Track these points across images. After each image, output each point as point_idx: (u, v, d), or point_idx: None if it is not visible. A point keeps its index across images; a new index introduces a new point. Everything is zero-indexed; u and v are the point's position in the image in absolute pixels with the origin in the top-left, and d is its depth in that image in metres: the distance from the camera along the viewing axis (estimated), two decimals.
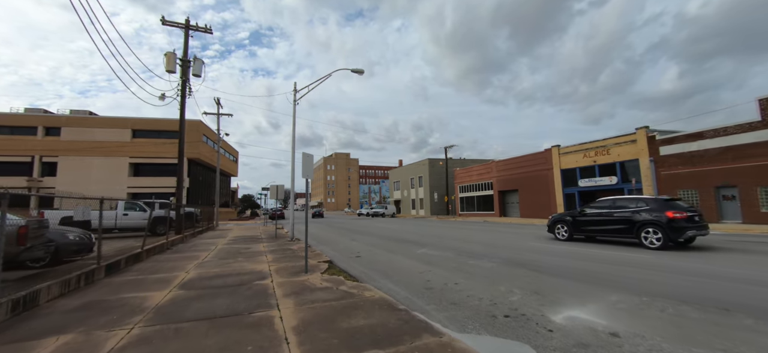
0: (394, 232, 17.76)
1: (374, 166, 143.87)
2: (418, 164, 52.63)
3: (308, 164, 7.23)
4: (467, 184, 41.10)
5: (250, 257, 9.33)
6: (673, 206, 10.14)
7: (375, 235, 16.21)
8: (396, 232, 17.76)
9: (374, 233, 17.06)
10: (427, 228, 20.73)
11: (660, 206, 10.19)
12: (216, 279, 6.57)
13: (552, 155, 29.89)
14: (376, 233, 17.56)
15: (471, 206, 40.33)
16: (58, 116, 34.89)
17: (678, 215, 9.76)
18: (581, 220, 12.19)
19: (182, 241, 13.96)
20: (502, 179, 35.42)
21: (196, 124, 36.76)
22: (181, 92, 15.93)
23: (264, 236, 16.57)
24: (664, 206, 10.15)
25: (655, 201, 10.50)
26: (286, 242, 13.06)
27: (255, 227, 23.88)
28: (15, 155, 32.88)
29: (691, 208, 10.50)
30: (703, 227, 10.07)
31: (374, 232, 18.16)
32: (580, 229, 12.22)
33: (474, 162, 50.53)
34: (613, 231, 11.17)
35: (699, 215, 10.24)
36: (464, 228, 20.54)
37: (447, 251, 10.26)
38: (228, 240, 14.43)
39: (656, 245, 9.72)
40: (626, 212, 10.87)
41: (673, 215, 9.75)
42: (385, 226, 24.02)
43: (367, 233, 17.24)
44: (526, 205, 32.26)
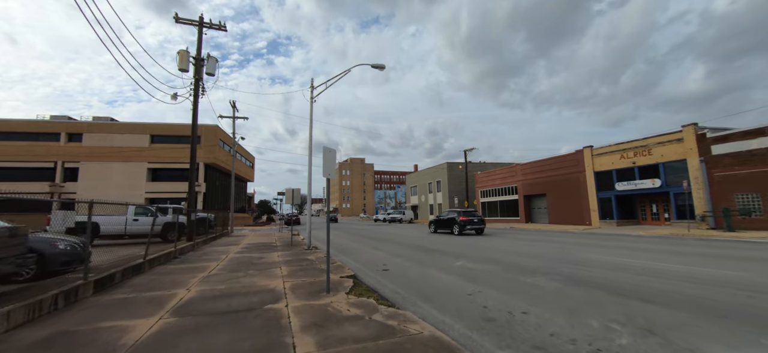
0: (418, 240, 16.34)
1: (389, 171, 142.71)
2: (436, 168, 51.00)
3: (330, 160, 6.00)
4: (489, 188, 39.18)
5: (262, 270, 8.16)
6: (464, 213, 19.72)
7: (398, 243, 14.84)
8: (420, 240, 16.33)
9: (397, 241, 15.69)
10: (455, 237, 19.18)
11: (458, 214, 19.66)
12: (220, 301, 5.38)
13: (584, 156, 27.78)
14: (399, 240, 16.19)
15: (493, 211, 38.35)
16: (80, 122, 35.42)
17: (463, 218, 19.25)
18: (439, 221, 21.64)
19: (193, 249, 13.02)
20: (528, 182, 33.39)
21: (213, 129, 36.58)
22: (193, 90, 15.17)
23: (279, 243, 15.50)
24: (460, 213, 19.65)
25: (455, 211, 20.38)
26: (303, 251, 11.89)
27: (270, 234, 22.95)
28: (39, 161, 33.44)
29: (473, 213, 20.04)
30: (479, 226, 19.58)
31: (397, 239, 16.79)
32: (439, 229, 21.72)
33: (494, 166, 48.49)
34: None
35: (478, 218, 19.70)
36: (495, 236, 18.88)
37: (489, 264, 8.79)
38: (241, 248, 13.40)
39: (455, 232, 19.58)
40: (451, 214, 20.48)
41: (463, 218, 19.23)
42: (406, 233, 22.61)
43: (389, 241, 15.89)
44: (556, 210, 30.14)
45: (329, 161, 5.96)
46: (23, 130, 34.04)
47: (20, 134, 33.87)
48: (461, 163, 46.29)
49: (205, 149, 35.78)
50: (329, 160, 5.97)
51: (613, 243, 13.57)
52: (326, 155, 5.93)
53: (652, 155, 23.40)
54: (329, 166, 5.94)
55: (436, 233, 20.96)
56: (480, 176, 41.06)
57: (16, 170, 33.49)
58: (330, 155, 6.01)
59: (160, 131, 36.04)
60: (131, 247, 12.02)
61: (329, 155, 6.00)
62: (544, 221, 31.74)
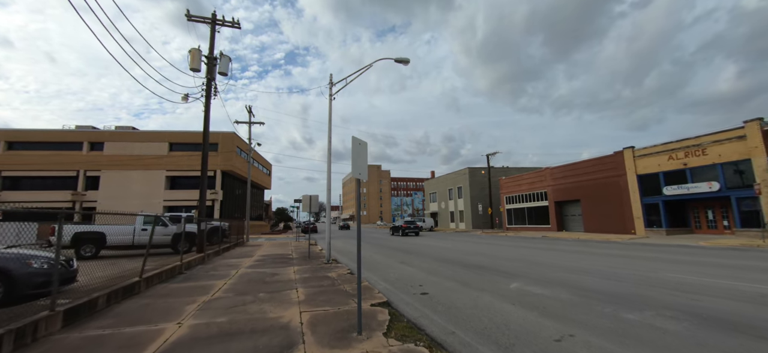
0: (451, 252, 14.63)
1: (406, 178, 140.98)
2: (457, 173, 49.00)
3: (361, 155, 4.56)
4: (515, 194, 36.89)
5: (275, 292, 6.77)
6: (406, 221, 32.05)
7: (429, 256, 13.20)
8: (454, 252, 14.62)
9: (426, 254, 14.05)
10: (489, 247, 17.37)
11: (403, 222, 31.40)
12: (215, 345, 3.97)
13: (624, 158, 25.34)
14: (429, 252, 14.53)
15: (520, 218, 36.00)
16: (101, 131, 35.79)
17: (404, 225, 30.62)
18: (397, 227, 30.84)
19: (202, 261, 11.86)
20: (559, 188, 31.02)
21: (230, 136, 36.18)
22: (205, 90, 14.22)
23: (296, 254, 14.18)
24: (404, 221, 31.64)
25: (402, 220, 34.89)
26: (322, 266, 10.47)
27: (286, 244, 21.77)
28: (62, 170, 33.82)
29: (412, 222, 31.50)
30: (415, 230, 30.54)
31: (425, 251, 15.14)
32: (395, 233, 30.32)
33: (519, 171, 46.05)
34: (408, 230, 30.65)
35: (414, 226, 30.76)
36: (536, 247, 16.94)
37: (553, 287, 7.08)
38: (254, 261, 12.14)
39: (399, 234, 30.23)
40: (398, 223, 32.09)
41: (404, 225, 30.86)
42: (433, 243, 20.90)
43: (417, 253, 14.27)
44: (592, 218, 27.66)
45: (359, 157, 4.52)
46: (48, 140, 34.65)
47: (46, 143, 34.48)
48: (484, 168, 44.17)
49: (222, 157, 35.36)
50: (359, 155, 4.53)
51: (686, 257, 11.47)
52: (356, 148, 4.49)
53: (707, 155, 20.85)
54: (360, 162, 4.49)
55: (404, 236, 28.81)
56: (505, 181, 38.83)
57: (41, 179, 34.03)
58: (360, 149, 4.58)
59: (178, 139, 35.94)
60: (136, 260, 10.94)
61: (359, 148, 4.56)
62: (579, 229, 29.25)
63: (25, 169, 33.58)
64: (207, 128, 14.06)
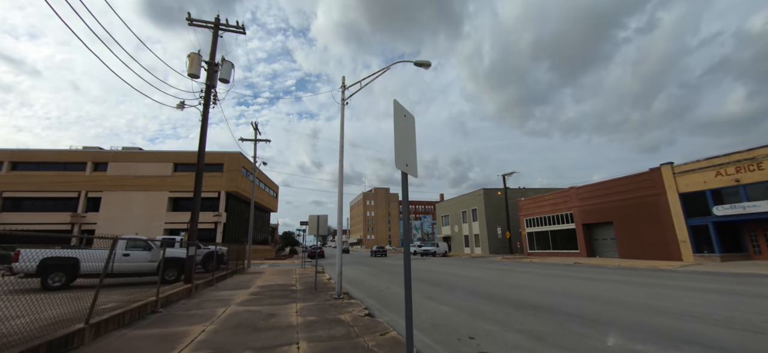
0: (484, 284, 12.33)
1: (414, 201, 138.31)
2: (470, 195, 46.70)
3: (408, 134, 2.68)
4: (536, 216, 34.35)
5: (266, 351, 4.75)
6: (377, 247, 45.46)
7: (460, 288, 10.98)
8: (488, 284, 12.33)
9: (456, 285, 11.79)
10: (525, 277, 15.01)
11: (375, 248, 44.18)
12: None
13: (662, 176, 22.99)
14: (457, 283, 12.26)
15: (543, 243, 33.27)
16: (105, 151, 34.93)
17: (376, 249, 44.74)
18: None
19: (188, 295, 9.89)
20: (588, 209, 28.52)
21: (236, 156, 34.95)
22: (204, 98, 12.75)
23: (300, 285, 12.12)
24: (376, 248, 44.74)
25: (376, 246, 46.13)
26: (332, 302, 8.40)
27: (291, 271, 19.67)
28: (63, 192, 32.76)
29: (381, 247, 45.56)
30: (383, 253, 43.62)
31: (453, 282, 12.87)
32: None
33: (536, 191, 43.59)
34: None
35: (383, 250, 44.91)
36: (582, 277, 14.55)
37: (685, 347, 4.89)
38: (250, 294, 10.12)
39: None
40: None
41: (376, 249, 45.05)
42: (456, 271, 18.55)
43: (444, 285, 12.03)
44: (628, 241, 24.98)
45: (406, 137, 2.63)
46: (53, 160, 33.88)
47: (50, 163, 33.70)
48: (500, 189, 41.91)
49: (227, 177, 33.99)
50: (406, 134, 2.64)
51: None
52: (400, 122, 2.62)
53: (763, 170, 18.46)
54: (406, 146, 2.60)
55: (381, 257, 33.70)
56: (524, 202, 36.39)
57: (42, 200, 32.96)
58: (406, 124, 2.69)
59: (183, 159, 34.80)
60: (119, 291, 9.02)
61: (405, 123, 2.67)
62: (612, 254, 26.47)
63: (27, 190, 32.62)
64: (204, 137, 12.47)
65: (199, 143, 12.35)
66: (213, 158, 34.76)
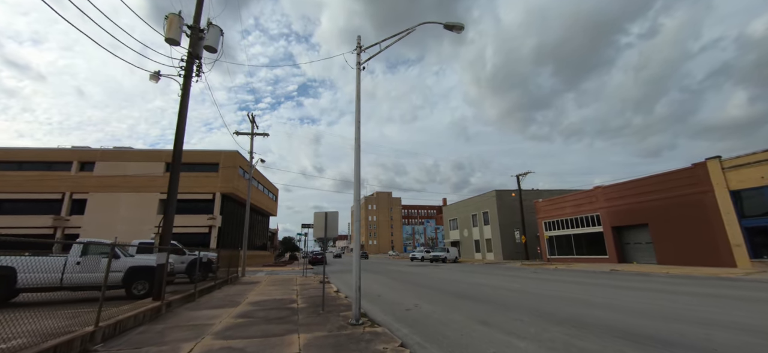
0: (546, 301, 9.67)
1: (417, 205, 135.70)
2: (481, 197, 44.15)
3: None
4: (556, 219, 31.76)
5: None
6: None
7: (520, 308, 8.40)
8: (552, 301, 9.71)
9: (510, 304, 9.16)
10: (578, 289, 12.41)
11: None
12: None
13: (709, 171, 20.47)
14: (511, 301, 9.62)
15: (565, 247, 30.65)
16: (93, 150, 32.53)
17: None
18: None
19: (152, 317, 7.38)
20: (617, 210, 25.96)
21: (232, 155, 32.55)
22: (185, 69, 10.34)
23: (302, 301, 9.61)
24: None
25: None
26: (350, 334, 5.88)
27: (290, 280, 17.12)
28: (47, 192, 30.31)
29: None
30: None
31: (503, 299, 10.19)
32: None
33: (552, 193, 41.04)
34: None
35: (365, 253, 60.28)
36: (648, 289, 11.99)
37: None
38: (237, 315, 7.61)
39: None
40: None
41: None
42: (489, 281, 15.95)
43: (494, 304, 9.40)
44: (667, 245, 22.38)
45: None
46: (37, 159, 31.47)
47: (33, 163, 31.30)
48: (513, 190, 39.34)
49: (223, 178, 31.54)
50: None
51: None
52: None
53: None
54: None
55: None
56: (542, 204, 33.83)
57: (24, 202, 30.46)
58: None
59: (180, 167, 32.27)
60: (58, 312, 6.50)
61: None
62: (647, 260, 23.85)
63: (8, 191, 30.14)
64: (183, 116, 10.02)
65: (177, 122, 9.90)
66: (207, 156, 32.38)
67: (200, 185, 31.03)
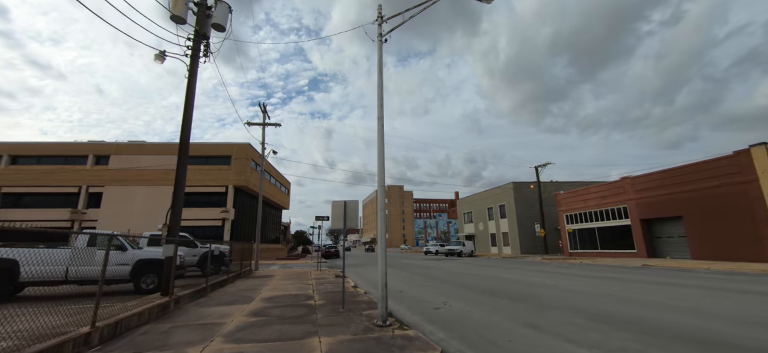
0: (591, 299, 8.69)
1: (428, 199, 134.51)
2: (498, 189, 42.83)
3: None
4: (579, 212, 30.34)
5: None
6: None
7: (564, 308, 7.50)
8: (597, 300, 8.73)
9: (550, 302, 8.26)
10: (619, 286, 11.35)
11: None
12: None
13: (753, 159, 18.84)
14: (550, 299, 8.69)
15: (588, 241, 29.26)
16: (108, 143, 32.70)
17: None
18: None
19: (159, 315, 6.78)
20: (647, 201, 24.45)
21: (244, 147, 32.22)
22: (192, 48, 9.69)
23: (319, 297, 8.93)
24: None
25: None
26: (379, 338, 5.10)
27: (305, 274, 16.53)
28: (64, 186, 30.66)
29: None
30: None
31: (541, 297, 9.24)
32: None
33: (572, 185, 39.41)
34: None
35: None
36: (682, 283, 10.89)
37: None
38: (249, 313, 6.95)
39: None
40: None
41: None
42: (515, 276, 15.02)
43: (532, 302, 8.49)
44: (704, 239, 20.88)
45: None
46: (53, 153, 31.86)
47: (50, 157, 31.71)
48: (532, 183, 37.92)
49: (235, 171, 31.26)
50: None
51: None
52: None
53: None
54: None
55: None
56: (564, 196, 32.39)
57: (43, 196, 30.93)
58: None
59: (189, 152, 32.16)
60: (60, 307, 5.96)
61: None
62: (681, 254, 22.38)
63: (27, 185, 30.64)
64: (191, 99, 9.39)
65: (184, 106, 9.27)
66: (220, 149, 32.16)
67: (213, 178, 30.83)
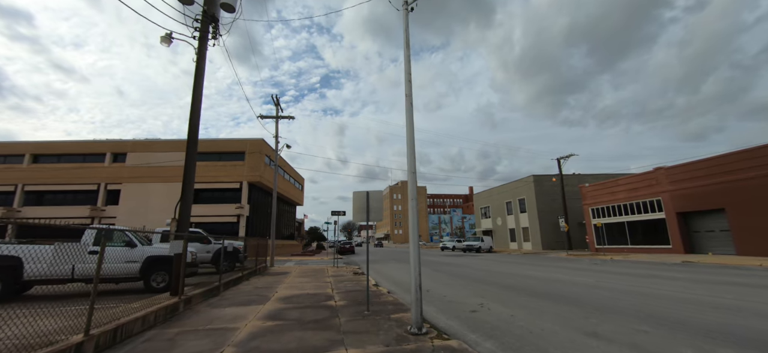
0: (626, 297, 7.66)
1: (442, 194, 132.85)
2: (517, 183, 41.30)
3: None
4: (607, 205, 28.69)
5: None
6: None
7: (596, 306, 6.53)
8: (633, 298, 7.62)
9: (580, 300, 7.28)
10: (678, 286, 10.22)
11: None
12: None
13: None
14: (579, 297, 7.72)
15: (617, 236, 27.63)
16: (124, 141, 32.97)
17: None
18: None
19: (166, 318, 6.13)
20: (684, 193, 22.73)
21: (258, 143, 31.87)
22: (200, 30, 9.01)
23: (339, 297, 8.16)
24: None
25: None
26: (414, 347, 4.26)
27: (321, 270, 15.88)
28: (83, 184, 31.11)
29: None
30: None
31: (570, 295, 8.30)
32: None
33: (596, 177, 37.52)
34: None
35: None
36: (743, 282, 9.64)
37: None
38: (263, 319, 6.23)
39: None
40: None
41: None
42: (542, 273, 13.95)
43: (559, 299, 7.54)
44: (750, 234, 19.16)
45: None
46: (72, 151, 32.38)
47: (70, 155, 32.24)
48: (554, 175, 36.30)
49: (249, 166, 30.98)
50: None
51: None
52: None
53: None
54: None
55: None
56: (590, 189, 30.74)
57: (63, 193, 31.50)
58: None
59: (203, 148, 32.02)
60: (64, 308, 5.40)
61: None
62: (724, 250, 20.66)
63: (49, 183, 31.26)
64: (199, 84, 8.72)
65: (193, 91, 8.61)
66: (233, 145, 31.95)
67: (227, 174, 30.65)
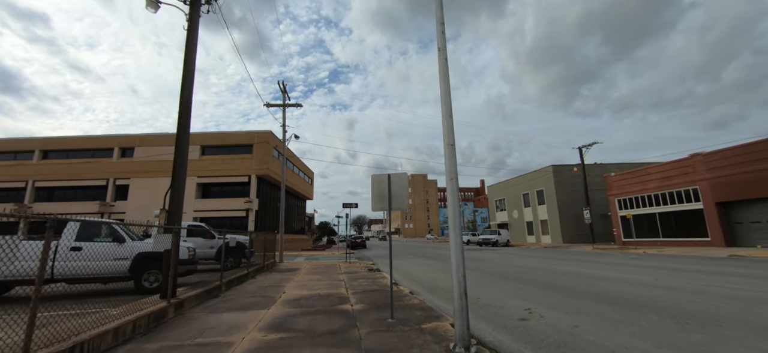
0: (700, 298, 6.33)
1: None
2: (535, 174, 39.53)
3: None
4: (636, 195, 26.85)
5: None
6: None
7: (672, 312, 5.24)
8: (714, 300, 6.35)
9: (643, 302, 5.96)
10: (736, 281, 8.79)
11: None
12: None
13: None
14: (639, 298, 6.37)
15: (647, 229, 25.83)
16: (132, 135, 32.51)
17: None
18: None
19: (151, 325, 5.05)
20: (725, 182, 20.82)
21: (266, 135, 30.96)
22: None
23: (355, 298, 7.00)
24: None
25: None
26: None
27: (333, 266, 14.80)
28: (92, 179, 30.81)
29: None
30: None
31: (627, 295, 6.92)
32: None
33: (621, 167, 35.48)
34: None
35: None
36: None
37: None
38: (266, 330, 5.11)
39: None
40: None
41: None
42: (575, 268, 12.55)
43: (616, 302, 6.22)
44: None
45: None
46: (81, 146, 32.10)
47: (78, 150, 31.97)
48: (575, 165, 34.43)
49: (257, 159, 30.13)
50: None
51: None
52: None
53: None
54: None
55: None
56: (616, 179, 28.88)
57: (73, 189, 31.33)
58: None
59: (210, 141, 31.46)
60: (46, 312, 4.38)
61: None
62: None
63: (58, 179, 31.09)
64: (192, 54, 7.59)
65: (184, 64, 7.49)
66: (240, 138, 31.14)
67: (235, 167, 29.90)
